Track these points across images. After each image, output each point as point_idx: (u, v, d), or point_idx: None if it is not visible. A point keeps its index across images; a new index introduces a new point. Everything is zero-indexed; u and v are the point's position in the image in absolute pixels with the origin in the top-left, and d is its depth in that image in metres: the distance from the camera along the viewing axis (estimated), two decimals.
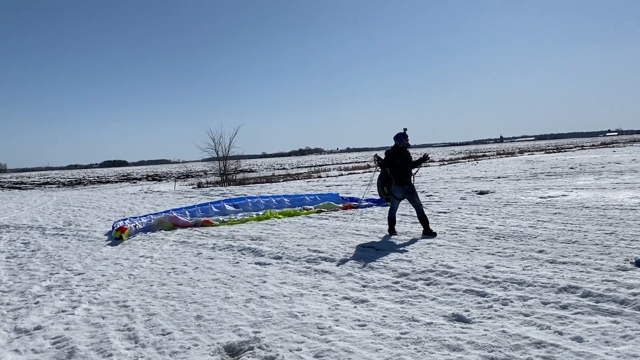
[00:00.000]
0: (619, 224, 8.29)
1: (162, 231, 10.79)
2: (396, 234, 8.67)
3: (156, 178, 52.10)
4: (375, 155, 9.33)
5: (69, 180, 60.07)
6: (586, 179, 16.75)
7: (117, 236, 9.98)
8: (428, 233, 8.40)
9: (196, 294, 5.77)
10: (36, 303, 5.74)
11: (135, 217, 11.92)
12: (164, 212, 12.62)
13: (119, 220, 11.60)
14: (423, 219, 8.50)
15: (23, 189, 40.37)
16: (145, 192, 26.41)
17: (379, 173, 9.11)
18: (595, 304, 4.55)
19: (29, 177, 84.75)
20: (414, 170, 8.79)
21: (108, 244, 9.55)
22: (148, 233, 10.64)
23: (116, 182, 48.38)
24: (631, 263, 5.76)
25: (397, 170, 8.48)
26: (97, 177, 68.46)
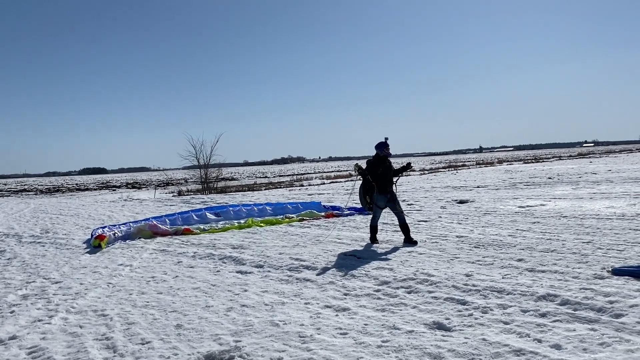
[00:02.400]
0: (595, 233, 8.42)
1: (142, 239, 10.66)
2: (378, 243, 8.70)
3: (136, 186, 51.57)
4: (356, 165, 9.36)
5: (46, 187, 59.13)
6: (564, 189, 17.00)
7: (95, 244, 9.84)
8: (409, 241, 8.45)
9: (176, 303, 5.71)
10: (11, 312, 5.62)
11: (115, 225, 11.77)
12: (144, 220, 12.48)
13: (97, 228, 11.44)
14: (404, 228, 8.55)
15: None
16: (125, 200, 26.11)
17: (360, 182, 9.15)
18: (573, 311, 4.61)
19: (5, 185, 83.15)
20: (395, 179, 8.85)
21: (86, 252, 9.40)
22: (127, 241, 10.51)
23: (95, 189, 47.77)
24: (608, 271, 5.85)
25: (379, 179, 8.53)
26: (76, 184, 67.48)
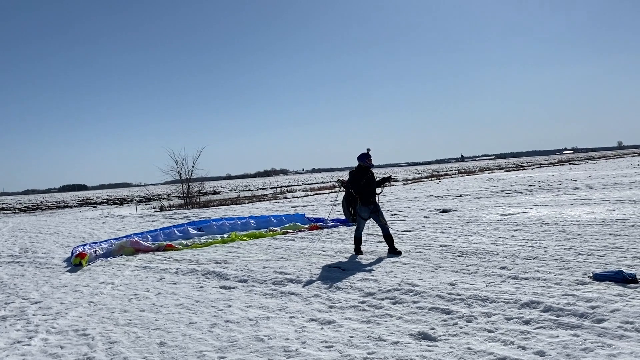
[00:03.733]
0: (576, 239, 8.53)
1: (124, 256, 10.53)
2: (362, 254, 8.70)
3: (117, 202, 51.01)
4: (339, 180, 9.43)
5: (25, 205, 58.16)
6: (545, 196, 17.22)
7: (76, 262, 9.69)
8: (393, 252, 8.46)
9: (159, 320, 5.63)
10: None
11: (96, 243, 11.62)
12: (125, 236, 12.34)
13: (78, 246, 11.27)
14: (388, 238, 8.57)
15: None
16: (106, 217, 25.79)
17: (344, 193, 9.17)
18: (556, 318, 4.65)
19: None
20: (378, 190, 8.88)
21: (67, 271, 9.25)
22: (109, 259, 10.36)
23: (75, 206, 47.13)
24: (589, 277, 5.92)
25: (362, 190, 8.55)
26: (56, 202, 66.53)
